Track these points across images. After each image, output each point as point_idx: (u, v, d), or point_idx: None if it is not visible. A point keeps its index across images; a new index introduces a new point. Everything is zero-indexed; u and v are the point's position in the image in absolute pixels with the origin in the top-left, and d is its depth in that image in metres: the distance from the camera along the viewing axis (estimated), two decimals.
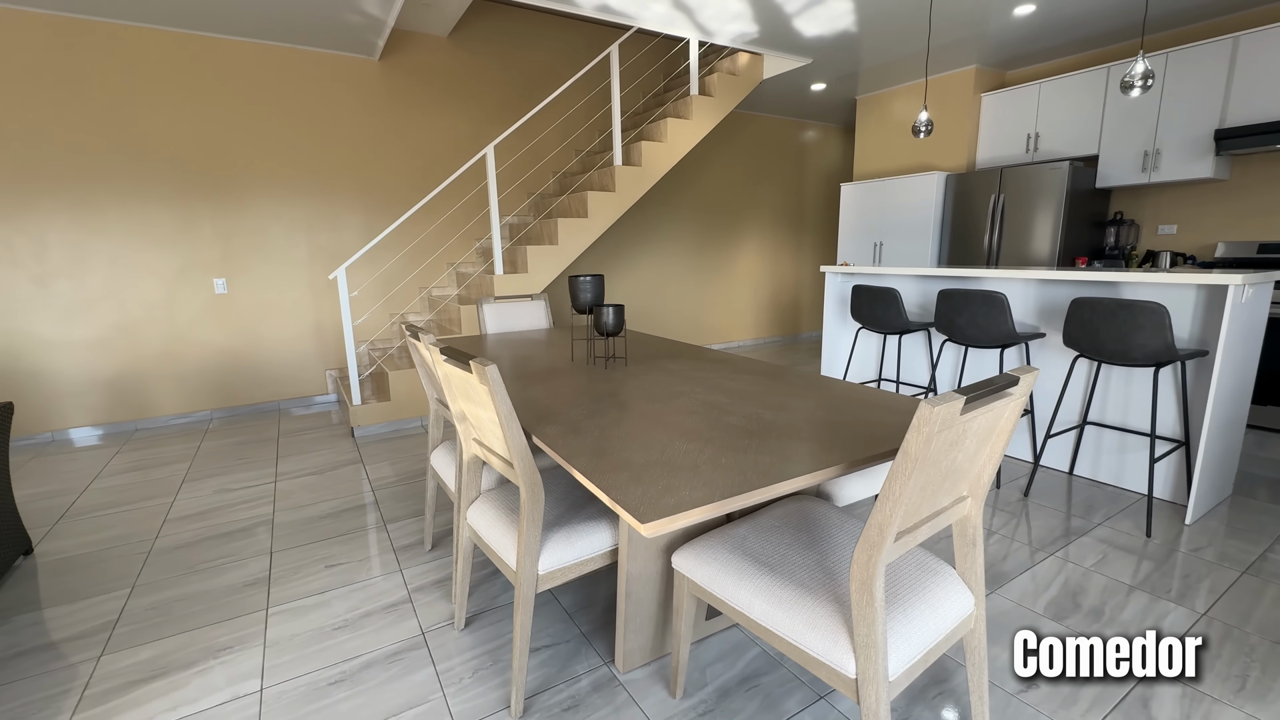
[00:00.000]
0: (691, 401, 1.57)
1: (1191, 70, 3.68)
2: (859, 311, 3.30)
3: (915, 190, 4.80)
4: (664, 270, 5.97)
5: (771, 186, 6.58)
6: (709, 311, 6.37)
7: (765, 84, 5.20)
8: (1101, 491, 2.62)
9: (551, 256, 4.10)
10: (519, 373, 1.98)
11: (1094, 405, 2.71)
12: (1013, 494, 2.62)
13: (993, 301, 2.60)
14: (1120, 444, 2.64)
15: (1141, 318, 2.17)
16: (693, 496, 0.98)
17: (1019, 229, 4.26)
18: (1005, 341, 2.66)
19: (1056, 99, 4.32)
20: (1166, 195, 4.13)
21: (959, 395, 0.90)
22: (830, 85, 5.27)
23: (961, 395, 0.91)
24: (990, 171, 4.38)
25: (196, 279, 3.93)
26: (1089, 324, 2.34)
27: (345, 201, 4.30)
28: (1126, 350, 2.25)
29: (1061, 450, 2.85)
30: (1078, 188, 4.08)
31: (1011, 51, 4.42)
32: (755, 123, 6.28)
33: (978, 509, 1.22)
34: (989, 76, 4.80)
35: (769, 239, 6.68)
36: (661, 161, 4.42)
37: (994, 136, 4.72)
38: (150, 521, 2.52)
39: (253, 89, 3.90)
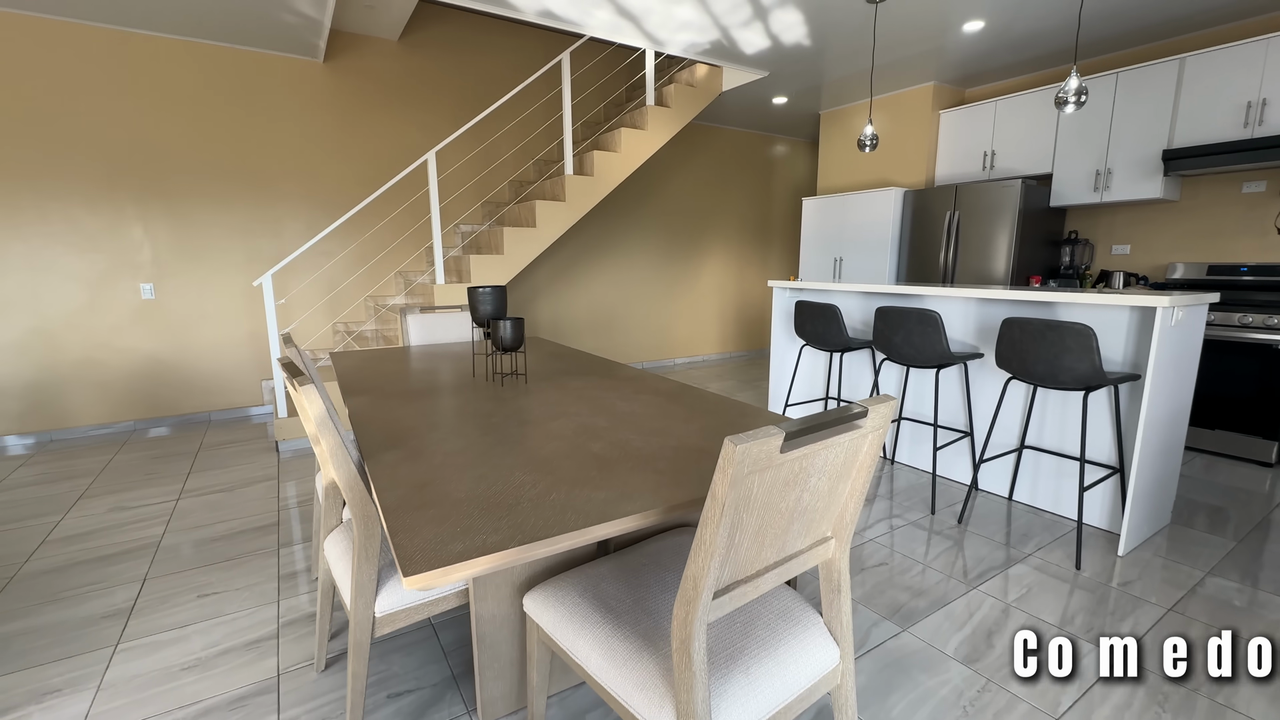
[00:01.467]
0: (567, 425, 1.45)
1: (1140, 91, 3.66)
2: (802, 328, 3.20)
3: (874, 206, 4.76)
4: (627, 282, 5.88)
5: (737, 199, 6.53)
6: (674, 324, 6.27)
7: (727, 97, 5.15)
8: (1038, 518, 2.53)
9: (496, 266, 3.98)
10: (404, 390, 1.85)
11: (1031, 428, 2.63)
12: (948, 520, 2.52)
13: (927, 320, 2.52)
14: (1058, 469, 2.55)
15: (1069, 339, 2.09)
16: (487, 542, 0.86)
17: (974, 247, 4.21)
18: (941, 361, 2.57)
19: (1011, 117, 4.30)
20: (1120, 215, 4.11)
21: (777, 431, 0.79)
22: (792, 99, 5.24)
23: (781, 431, 0.79)
24: (947, 188, 4.34)
25: (122, 283, 3.76)
26: (1018, 345, 2.26)
27: (287, 206, 4.16)
28: (1055, 373, 2.16)
29: (1001, 474, 2.75)
30: (1031, 206, 4.04)
31: (968, 69, 4.40)
32: (720, 135, 6.23)
33: (843, 550, 1.11)
34: (947, 93, 4.78)
35: (734, 252, 6.62)
36: (615, 171, 4.33)
37: (952, 153, 4.69)
38: (27, 543, 2.34)
39: (189, 89, 3.76)
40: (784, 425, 0.81)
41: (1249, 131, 3.28)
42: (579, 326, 5.62)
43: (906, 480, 2.97)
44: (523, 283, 5.23)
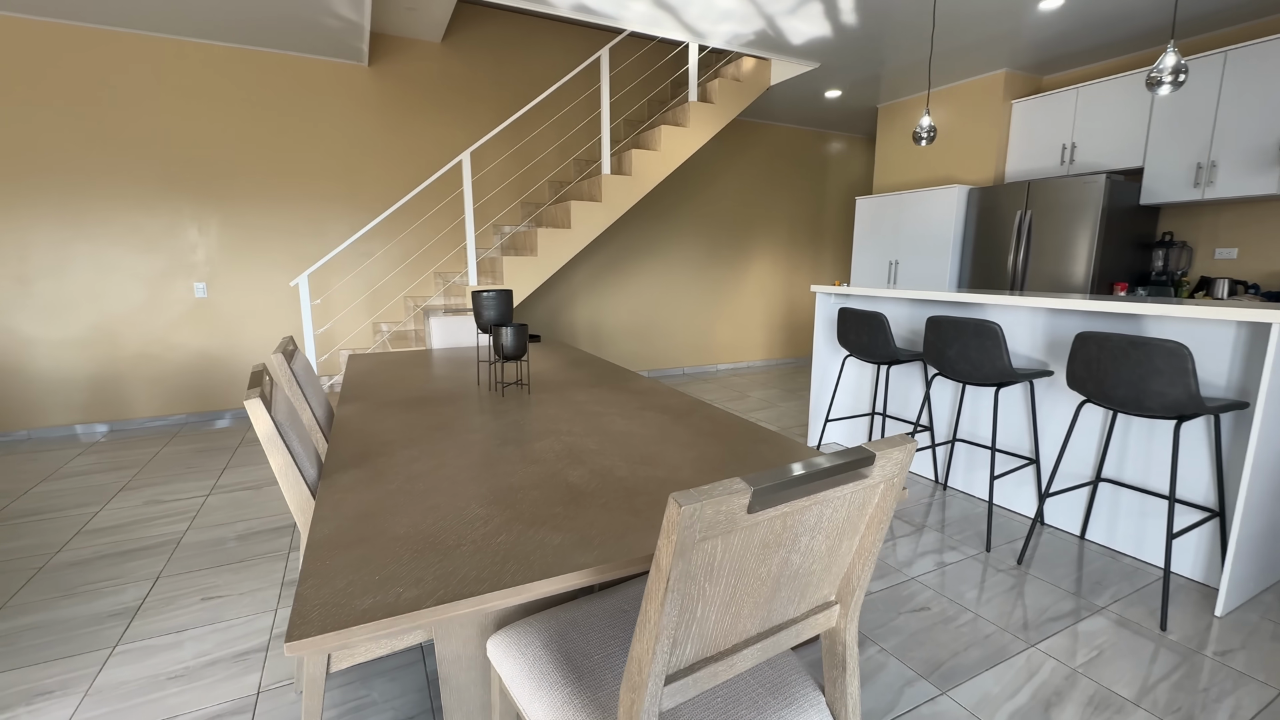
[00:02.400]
0: (552, 446, 1.31)
1: (1255, 71, 3.18)
2: (845, 337, 2.95)
3: (934, 205, 4.40)
4: (669, 284, 5.71)
5: (787, 200, 6.24)
6: (717, 329, 6.06)
7: (777, 91, 4.91)
8: (1116, 563, 2.19)
9: (530, 268, 3.91)
10: (400, 398, 1.76)
11: (1110, 458, 2.29)
12: (1005, 558, 2.23)
13: (985, 333, 2.23)
14: (1143, 507, 2.21)
15: (1159, 359, 1.78)
16: (401, 599, 0.73)
17: (1049, 250, 3.80)
18: (1001, 379, 2.28)
19: (1095, 105, 3.85)
20: (1225, 214, 3.60)
21: (742, 487, 0.62)
22: (848, 92, 4.93)
23: (746, 488, 0.62)
24: (1018, 185, 3.94)
25: (177, 283, 3.93)
26: (1095, 364, 1.95)
27: (331, 208, 4.24)
28: (1140, 398, 1.85)
29: (1072, 509, 2.42)
30: (1118, 204, 3.61)
31: (1045, 53, 3.99)
32: (770, 132, 5.97)
33: (849, 618, 0.91)
34: (1021, 81, 4.36)
35: (783, 255, 6.33)
36: (654, 171, 4.18)
37: (1026, 147, 4.27)
38: (63, 533, 2.42)
39: (240, 94, 3.89)
40: (754, 479, 0.64)
41: None
42: (618, 330, 5.50)
43: (960, 509, 2.67)
44: (561, 284, 5.16)
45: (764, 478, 0.64)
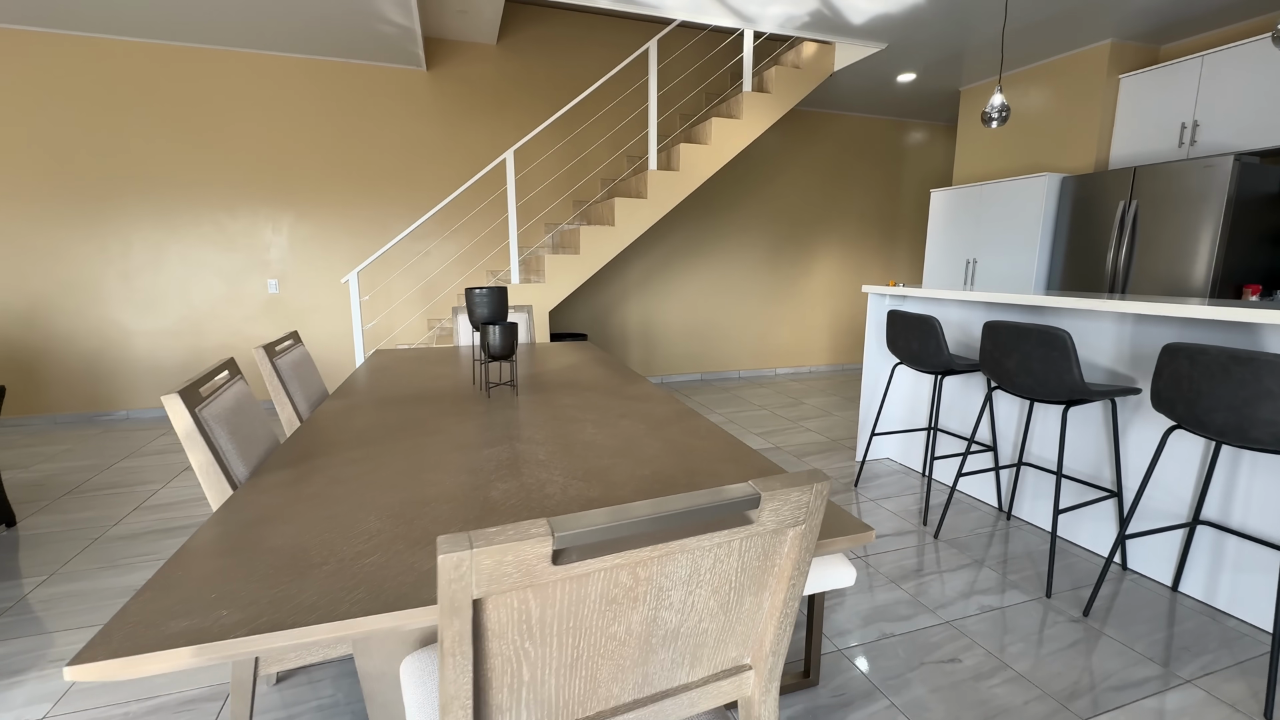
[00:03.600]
0: (498, 455, 1.22)
1: None
2: (894, 343, 2.66)
3: (1019, 197, 3.92)
4: (725, 285, 5.50)
5: (857, 195, 5.83)
6: (776, 332, 5.77)
7: (843, 78, 4.59)
8: (1215, 626, 1.80)
9: (572, 266, 3.87)
10: (389, 396, 1.74)
11: (1213, 496, 1.89)
12: (1069, 606, 1.89)
13: (1051, 341, 1.91)
14: (1256, 560, 1.80)
15: (1269, 379, 1.42)
16: (217, 625, 0.66)
17: (1158, 246, 3.27)
18: (1071, 395, 1.94)
19: (1224, 75, 3.26)
20: None
21: (540, 533, 0.49)
22: (923, 75, 4.51)
23: (545, 533, 0.49)
24: (1121, 173, 3.42)
25: (253, 279, 4.23)
26: (1187, 383, 1.60)
27: (392, 208, 4.42)
28: (1243, 425, 1.49)
29: (1163, 553, 2.03)
30: (1249, 191, 3.03)
31: (1161, 18, 3.43)
32: (837, 123, 5.60)
33: (767, 688, 0.75)
34: (1131, 53, 3.79)
35: (851, 254, 5.93)
36: (703, 165, 4.02)
37: (1135, 128, 3.71)
38: (124, 507, 2.64)
39: (309, 102, 4.13)
40: (563, 522, 0.51)
41: None
42: (672, 331, 5.37)
43: (1023, 543, 2.32)
44: (612, 283, 5.10)
45: (581, 520, 0.51)
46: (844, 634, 1.76)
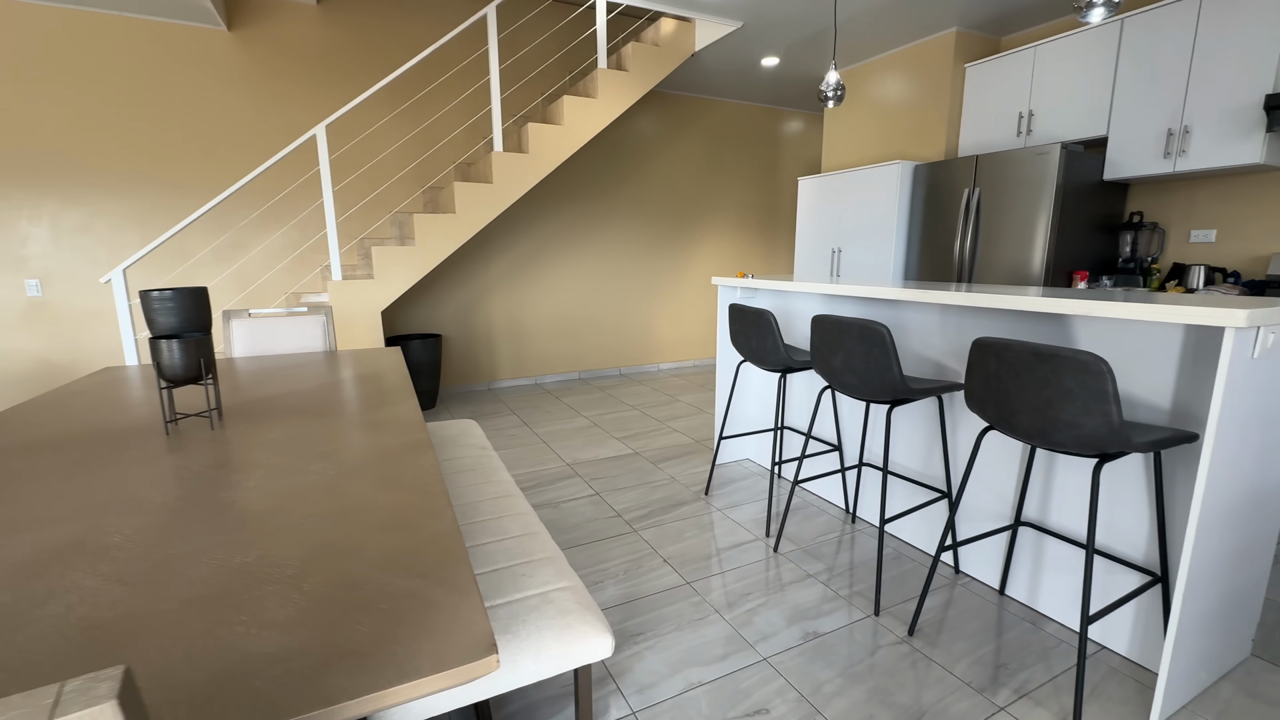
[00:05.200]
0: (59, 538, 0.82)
1: (1233, 17, 2.66)
2: (736, 339, 2.46)
3: (876, 184, 3.88)
4: (602, 277, 5.21)
5: (737, 183, 5.72)
6: (658, 325, 5.56)
7: (709, 60, 4.39)
8: (1036, 634, 1.71)
9: (407, 260, 3.41)
10: (39, 437, 1.27)
11: (1032, 496, 1.80)
12: (899, 624, 1.74)
13: (871, 337, 1.74)
14: (1077, 561, 1.72)
15: (1069, 377, 1.28)
16: None
17: (1000, 233, 3.30)
18: (894, 395, 1.79)
19: (1056, 66, 3.33)
20: (1202, 190, 3.09)
21: None
22: (786, 60, 4.41)
23: None
24: (966, 160, 3.43)
25: (3, 279, 3.43)
26: (995, 381, 1.46)
27: (192, 193, 3.74)
28: (1047, 429, 1.36)
29: (992, 556, 1.94)
30: (1076, 179, 3.10)
31: (1001, 7, 3.46)
32: (713, 109, 5.44)
33: None
34: (975, 42, 3.84)
35: (732, 244, 5.82)
36: (557, 148, 3.67)
37: (980, 117, 3.75)
38: None
39: (75, 62, 3.38)
40: None
41: None
42: (544, 327, 5.01)
43: (866, 549, 2.18)
44: (474, 276, 4.66)
45: None
46: (646, 689, 1.50)
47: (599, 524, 2.39)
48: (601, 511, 2.51)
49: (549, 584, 1.20)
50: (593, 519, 2.44)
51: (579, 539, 2.27)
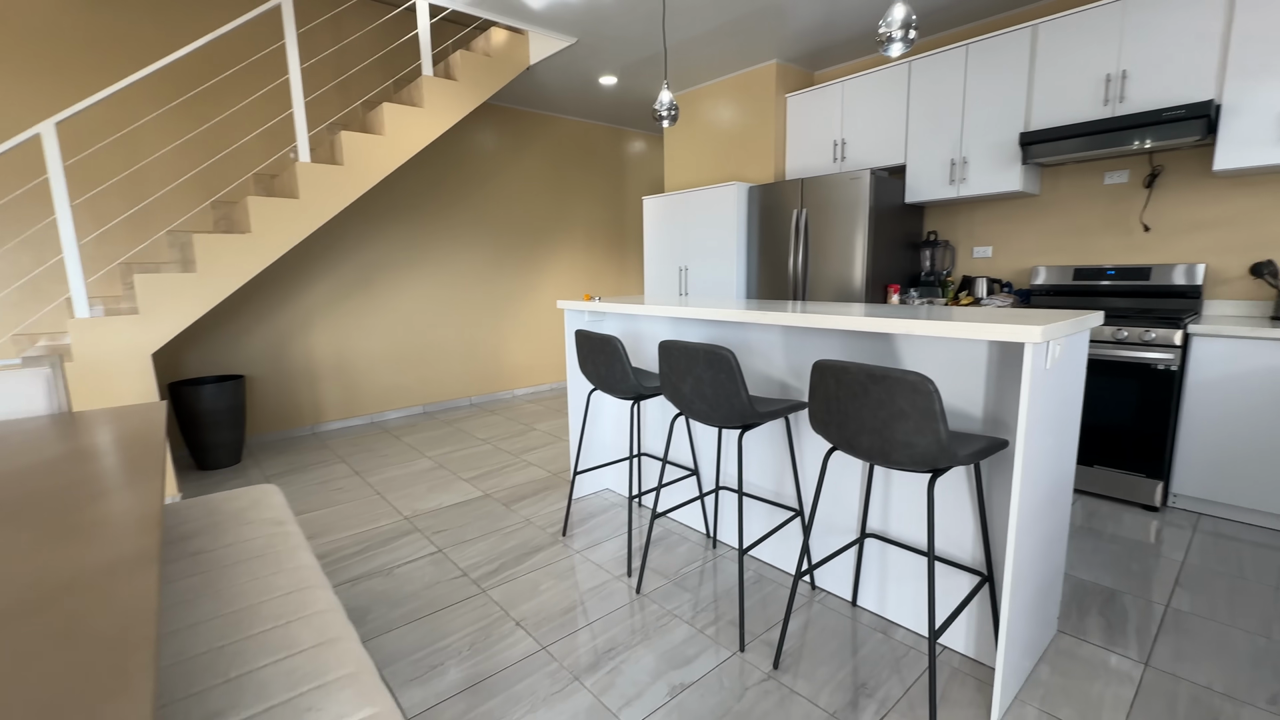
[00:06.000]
0: None
1: (993, 64, 3.11)
2: (585, 366, 2.30)
3: (717, 205, 4.00)
4: (445, 301, 4.80)
5: (586, 202, 5.65)
6: (510, 349, 5.26)
7: (548, 76, 4.26)
8: (888, 645, 1.75)
9: (186, 289, 2.80)
10: None
11: (874, 509, 1.86)
12: (763, 659, 1.68)
13: (717, 362, 1.67)
14: (914, 567, 1.79)
15: (902, 398, 1.30)
16: None
17: (826, 251, 3.53)
18: (744, 421, 1.74)
19: (860, 100, 3.68)
20: (980, 212, 3.58)
21: None
22: (625, 80, 4.42)
23: None
24: (794, 183, 3.65)
25: None
26: (835, 404, 1.45)
27: None
28: (886, 449, 1.37)
29: (844, 569, 1.97)
30: (884, 202, 3.42)
31: (812, 43, 3.74)
32: (558, 126, 5.33)
33: None
34: (793, 75, 4.13)
35: (585, 263, 5.72)
36: (380, 159, 3.28)
37: (802, 143, 4.04)
38: None
39: None
40: None
41: (1109, 110, 2.77)
42: (378, 359, 4.48)
43: (729, 576, 2.13)
44: (287, 307, 4.02)
45: None
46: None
47: (441, 589, 2.08)
48: (444, 572, 2.19)
49: (345, 718, 0.93)
50: (433, 583, 2.12)
51: (415, 612, 1.94)
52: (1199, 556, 2.18)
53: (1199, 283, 2.77)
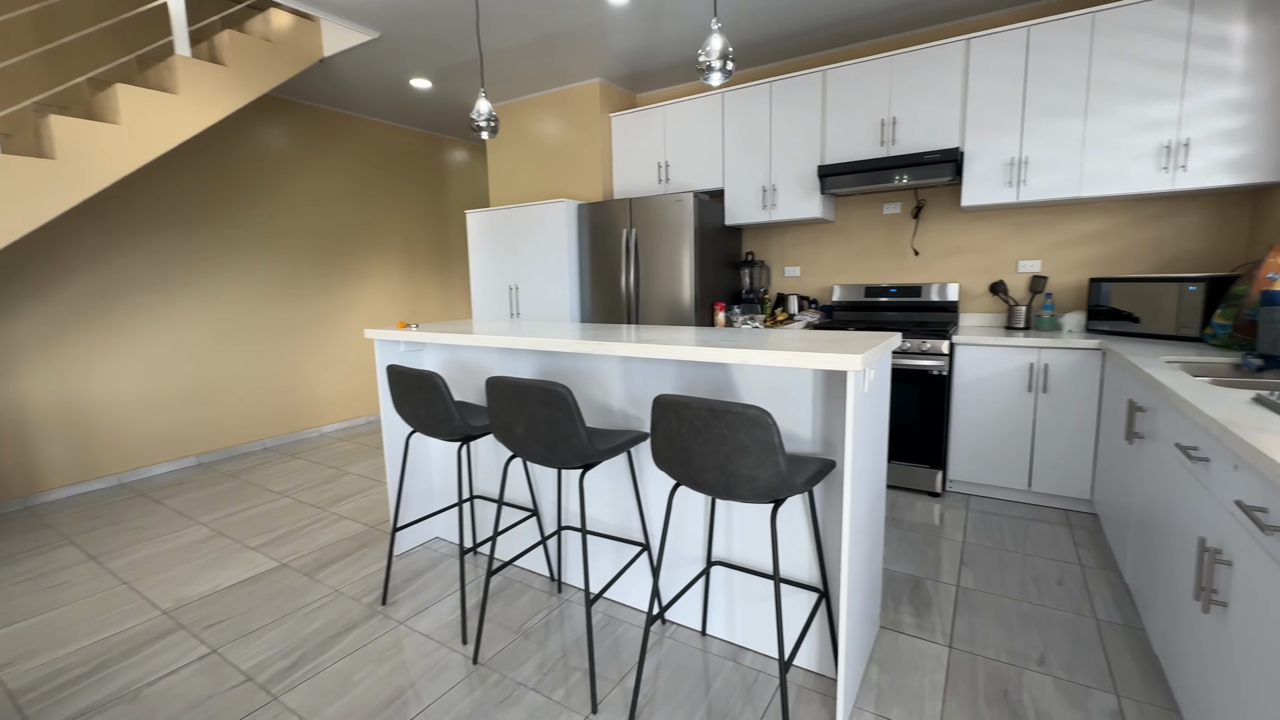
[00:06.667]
0: None
1: (794, 102, 3.41)
2: (400, 406, 2.00)
3: (545, 222, 3.86)
4: (228, 326, 3.99)
5: (406, 214, 5.14)
6: (315, 380, 4.56)
7: (354, 73, 3.78)
8: (739, 673, 1.73)
9: None
10: None
11: (719, 536, 1.85)
12: (619, 712, 1.56)
13: (553, 401, 1.53)
14: (759, 590, 1.80)
15: (744, 433, 1.27)
16: None
17: (657, 270, 3.58)
18: (583, 461, 1.61)
19: (681, 125, 3.81)
20: (789, 235, 3.91)
21: None
22: (442, 85, 4.09)
23: None
24: (622, 202, 3.65)
25: None
26: (679, 439, 1.39)
27: None
28: (730, 484, 1.33)
29: (693, 598, 1.94)
30: (708, 224, 3.56)
31: (634, 66, 3.80)
32: (367, 130, 4.78)
33: None
34: (617, 95, 4.17)
35: (406, 280, 5.20)
36: (115, 154, 2.59)
37: (627, 163, 4.08)
38: None
39: None
40: None
41: (885, 150, 3.18)
42: (130, 401, 3.56)
43: (578, 623, 1.98)
44: None
45: None
46: None
47: (213, 706, 1.63)
48: (220, 681, 1.73)
49: None
50: (202, 699, 1.65)
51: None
52: (974, 535, 2.55)
53: (955, 299, 3.30)
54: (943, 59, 2.97)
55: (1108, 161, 2.66)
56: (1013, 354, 2.76)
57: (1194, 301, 2.45)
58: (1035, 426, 2.75)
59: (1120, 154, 2.64)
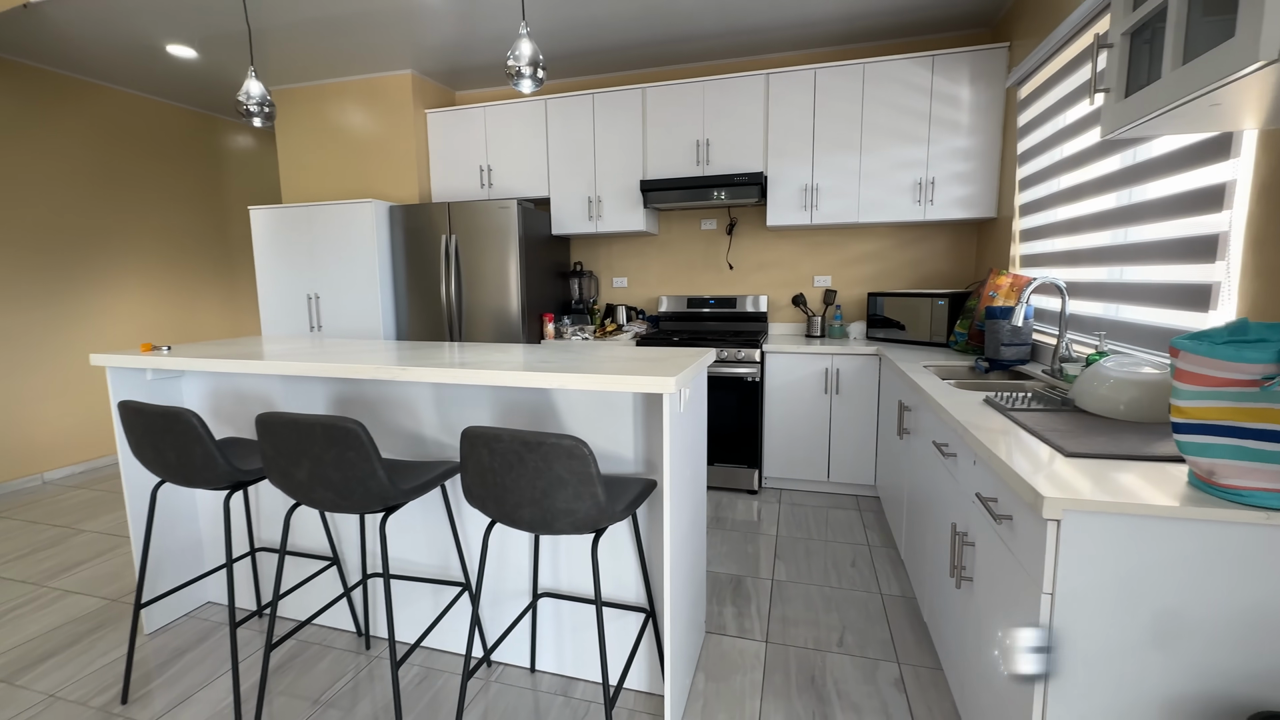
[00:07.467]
0: None
1: (616, 116, 3.45)
2: (141, 451, 1.60)
3: (352, 223, 3.45)
4: None
5: (169, 206, 4.24)
6: (38, 413, 3.56)
7: (80, 30, 3.01)
8: (572, 706, 1.66)
9: None
10: None
11: (544, 568, 1.76)
12: None
13: (344, 439, 1.31)
14: (587, 617, 1.74)
15: (560, 465, 1.19)
16: None
17: (479, 280, 3.38)
18: (385, 505, 1.41)
19: (504, 128, 3.66)
20: (616, 246, 3.96)
21: None
22: (211, 56, 3.44)
23: None
24: (441, 206, 3.39)
25: None
26: (492, 475, 1.27)
27: None
28: (548, 519, 1.25)
29: (519, 635, 1.82)
30: (534, 232, 3.46)
31: (449, 61, 3.55)
32: (111, 99, 3.86)
33: None
34: (432, 90, 3.88)
35: (172, 286, 4.30)
36: None
37: (446, 165, 3.81)
38: None
39: None
40: None
41: (700, 169, 3.36)
42: None
43: (388, 684, 1.74)
44: None
45: None
46: None
47: None
48: None
49: None
50: None
51: None
52: (785, 528, 2.78)
53: (765, 310, 3.60)
54: (748, 89, 3.22)
55: (878, 192, 3.10)
56: (812, 360, 3.07)
57: (941, 314, 2.94)
58: (831, 424, 3.09)
59: (887, 187, 3.08)
